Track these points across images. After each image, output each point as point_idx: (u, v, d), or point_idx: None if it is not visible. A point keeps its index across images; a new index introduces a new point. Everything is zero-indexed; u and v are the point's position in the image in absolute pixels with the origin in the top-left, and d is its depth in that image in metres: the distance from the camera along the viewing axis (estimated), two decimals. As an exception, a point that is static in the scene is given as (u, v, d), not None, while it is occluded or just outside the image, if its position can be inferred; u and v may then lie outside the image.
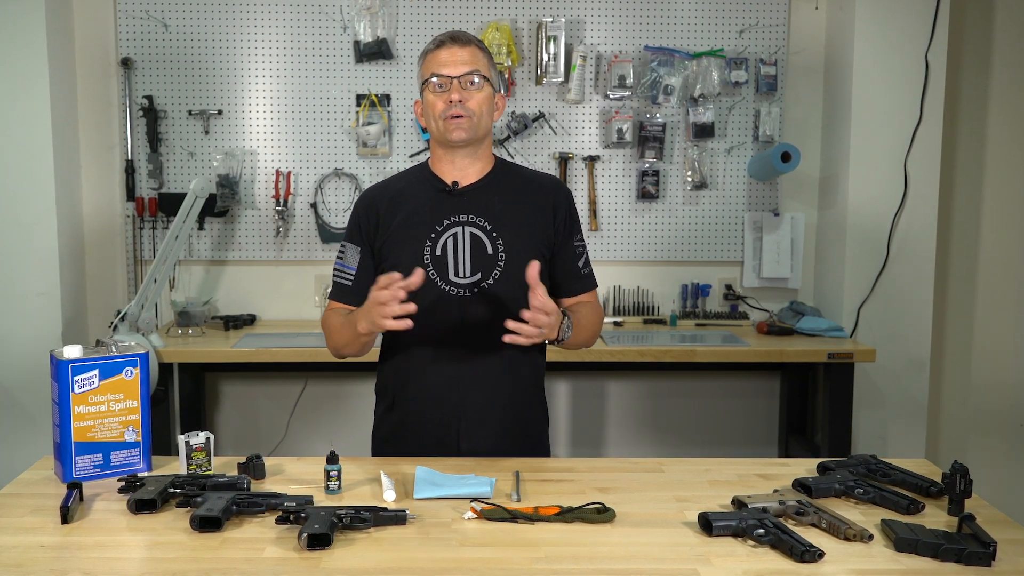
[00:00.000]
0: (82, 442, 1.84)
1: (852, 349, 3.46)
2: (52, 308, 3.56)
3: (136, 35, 3.75)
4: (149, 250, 3.80)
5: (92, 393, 1.84)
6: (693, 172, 3.89)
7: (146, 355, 1.90)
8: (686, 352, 3.43)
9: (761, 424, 4.09)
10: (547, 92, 3.85)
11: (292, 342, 3.47)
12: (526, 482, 1.85)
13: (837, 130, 3.80)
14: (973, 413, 4.03)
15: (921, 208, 3.71)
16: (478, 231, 2.06)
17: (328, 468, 1.79)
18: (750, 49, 3.86)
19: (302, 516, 1.60)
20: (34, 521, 1.66)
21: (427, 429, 2.08)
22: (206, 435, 1.88)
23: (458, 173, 2.10)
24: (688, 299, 3.95)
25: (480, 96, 2.03)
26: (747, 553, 1.54)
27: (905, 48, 3.65)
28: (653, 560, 1.52)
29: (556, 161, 3.87)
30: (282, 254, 3.88)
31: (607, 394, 4.07)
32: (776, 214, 3.94)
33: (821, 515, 1.64)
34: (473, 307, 2.04)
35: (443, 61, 2.03)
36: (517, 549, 1.55)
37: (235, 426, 4.01)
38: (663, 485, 1.87)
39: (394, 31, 3.80)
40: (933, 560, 1.52)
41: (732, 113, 3.89)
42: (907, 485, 1.82)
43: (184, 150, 3.81)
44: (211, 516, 1.60)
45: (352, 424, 3.93)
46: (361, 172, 3.85)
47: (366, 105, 3.81)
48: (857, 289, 3.74)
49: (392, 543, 1.57)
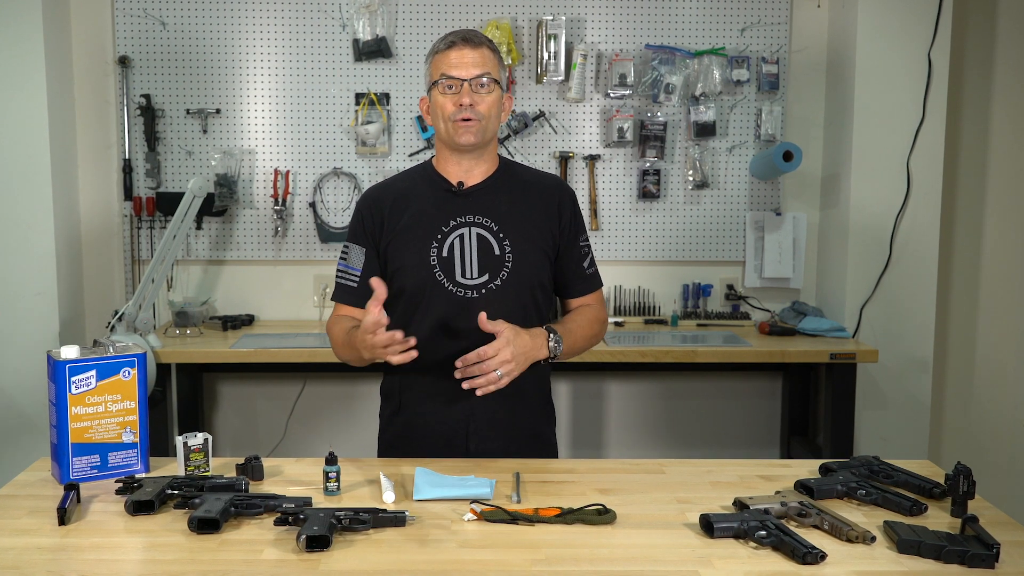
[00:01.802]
0: (79, 443, 1.83)
1: (854, 349, 3.45)
2: (49, 308, 3.55)
3: (134, 33, 3.74)
4: (147, 250, 3.79)
5: (89, 394, 1.83)
6: (694, 171, 3.88)
7: (144, 355, 1.90)
8: (687, 352, 3.42)
9: (763, 425, 4.08)
10: (547, 91, 3.84)
11: (291, 342, 3.46)
12: (526, 483, 1.84)
13: (839, 129, 3.79)
14: (976, 414, 4.02)
15: (924, 207, 3.70)
16: (485, 232, 2.06)
17: (327, 469, 1.78)
18: (752, 47, 3.85)
19: (301, 518, 1.60)
20: (31, 523, 1.65)
21: (436, 431, 2.08)
22: (204, 436, 1.88)
23: (463, 174, 2.09)
24: (689, 299, 3.94)
25: (490, 99, 2.02)
26: (749, 555, 1.53)
27: (908, 46, 3.64)
28: (654, 562, 1.51)
29: (556, 160, 3.86)
30: (281, 254, 3.87)
31: (608, 395, 4.06)
32: (778, 213, 3.93)
33: (823, 517, 1.63)
34: (480, 308, 2.02)
35: (454, 62, 2.02)
36: (517, 551, 1.55)
37: (233, 427, 4.00)
38: (664, 486, 1.86)
39: (393, 29, 3.79)
40: (936, 562, 1.51)
41: (734, 112, 3.88)
42: (910, 486, 1.81)
43: (182, 149, 3.80)
44: (209, 518, 1.59)
45: (351, 425, 3.92)
46: (360, 171, 3.84)
47: (365, 104, 3.80)
48: (859, 289, 3.73)
49: (391, 545, 1.57)
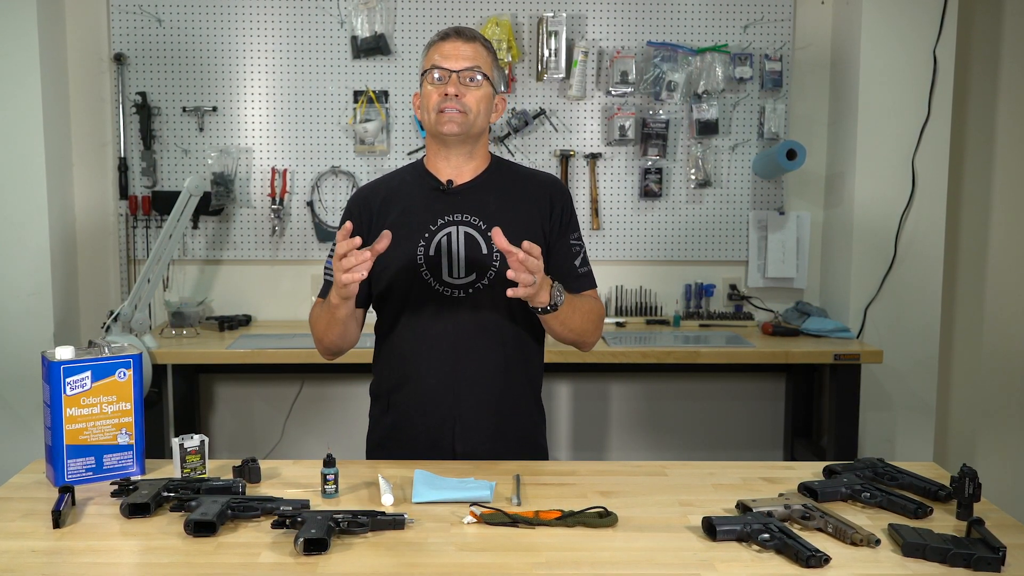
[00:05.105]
0: (74, 445, 1.83)
1: (859, 350, 3.44)
2: (43, 308, 3.54)
3: (129, 30, 3.72)
4: (142, 249, 3.78)
5: (84, 395, 1.83)
6: (697, 170, 3.86)
7: (139, 356, 1.89)
8: (689, 353, 3.41)
9: (766, 426, 4.06)
10: (548, 88, 3.82)
11: (288, 343, 3.44)
12: (526, 486, 1.83)
13: (843, 127, 3.77)
14: (982, 415, 4.01)
15: (929, 206, 3.68)
16: (472, 231, 2.04)
17: (325, 471, 1.77)
18: (755, 44, 3.83)
19: (298, 520, 1.59)
20: (25, 526, 1.65)
21: (421, 432, 2.06)
22: (200, 438, 1.87)
23: (453, 171, 2.07)
24: (692, 299, 3.92)
25: (478, 94, 2.00)
26: (752, 558, 1.53)
27: (913, 44, 3.62)
28: (656, 565, 1.51)
29: (557, 159, 3.84)
30: (278, 253, 3.85)
31: (609, 396, 4.05)
32: (781, 213, 3.91)
33: (827, 519, 1.63)
34: (467, 308, 2.01)
35: (445, 54, 2.01)
36: (517, 554, 1.54)
37: (230, 429, 3.98)
38: (666, 489, 1.85)
39: (392, 26, 3.78)
40: (941, 565, 1.50)
41: (736, 110, 3.86)
42: (915, 489, 1.81)
43: (178, 147, 3.78)
44: (206, 520, 1.59)
45: (350, 427, 3.90)
46: (358, 170, 3.82)
47: (363, 101, 3.78)
48: (864, 289, 3.71)
49: (390, 548, 1.56)
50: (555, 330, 2.02)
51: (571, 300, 1.99)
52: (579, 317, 2.02)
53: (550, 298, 1.91)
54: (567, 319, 1.98)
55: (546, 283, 1.90)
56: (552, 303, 1.91)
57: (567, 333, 2.03)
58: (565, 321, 1.98)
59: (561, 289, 1.94)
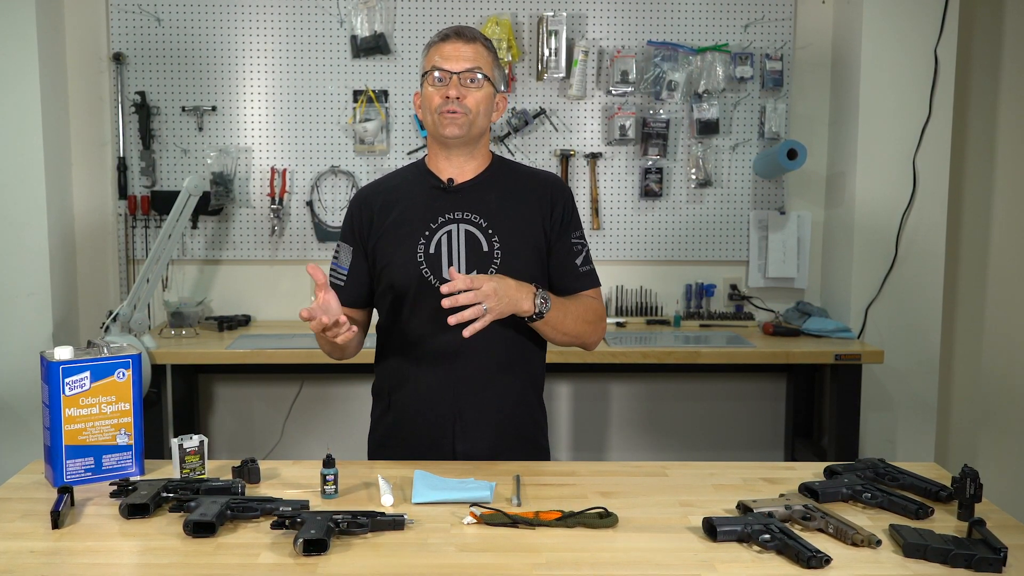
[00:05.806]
0: (73, 445, 1.82)
1: (860, 350, 3.44)
2: (42, 309, 3.53)
3: (128, 29, 3.72)
4: (141, 249, 3.77)
5: (83, 395, 1.83)
6: (697, 169, 3.85)
7: (138, 356, 1.89)
8: (690, 353, 3.41)
9: (767, 427, 4.06)
10: (548, 88, 3.82)
11: (288, 343, 3.44)
12: (527, 486, 1.83)
13: (844, 127, 3.77)
14: (983, 415, 4.00)
15: (930, 206, 3.68)
16: (473, 228, 2.03)
17: (324, 472, 1.77)
18: (755, 44, 3.83)
19: (298, 521, 1.58)
20: (24, 526, 1.65)
21: (421, 431, 2.06)
22: (200, 438, 1.87)
23: (454, 170, 2.07)
24: (692, 299, 3.91)
25: (479, 94, 2.00)
26: (752, 559, 1.53)
27: (914, 43, 3.62)
28: (656, 566, 1.50)
29: (557, 158, 3.84)
30: (277, 253, 3.84)
31: (609, 396, 4.04)
32: (782, 212, 3.90)
33: (828, 520, 1.63)
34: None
35: (446, 55, 2.01)
36: (517, 555, 1.53)
37: (229, 429, 3.97)
38: (667, 489, 1.85)
39: (392, 25, 3.77)
40: (942, 566, 1.51)
41: (737, 109, 3.86)
42: (916, 489, 1.81)
43: (177, 147, 3.77)
44: (205, 521, 1.59)
45: (350, 427, 3.89)
46: (358, 169, 3.82)
47: (363, 101, 3.77)
48: (865, 289, 3.70)
49: (390, 549, 1.55)
50: (549, 336, 2.03)
51: (562, 304, 1.99)
52: (572, 321, 2.02)
53: (534, 307, 1.92)
54: (559, 324, 1.98)
55: (528, 292, 1.91)
56: (537, 312, 1.92)
57: (562, 337, 2.03)
58: (557, 326, 1.99)
59: (546, 296, 1.95)
